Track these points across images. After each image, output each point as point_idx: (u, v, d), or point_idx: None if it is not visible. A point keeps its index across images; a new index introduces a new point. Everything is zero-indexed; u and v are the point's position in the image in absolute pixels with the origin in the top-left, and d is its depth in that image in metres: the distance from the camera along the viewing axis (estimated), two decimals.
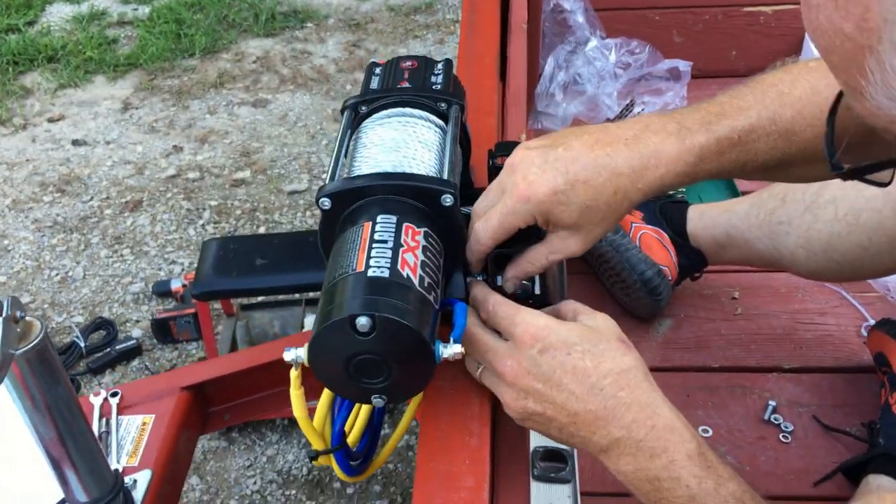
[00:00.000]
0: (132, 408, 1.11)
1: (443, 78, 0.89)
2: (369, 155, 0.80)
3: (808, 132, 0.79)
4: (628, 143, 0.75)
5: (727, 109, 0.79)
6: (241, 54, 3.87)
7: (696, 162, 0.76)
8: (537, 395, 0.71)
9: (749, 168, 0.80)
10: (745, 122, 0.78)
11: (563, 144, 0.75)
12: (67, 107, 3.57)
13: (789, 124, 0.78)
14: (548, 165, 0.74)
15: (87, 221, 2.96)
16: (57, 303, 2.65)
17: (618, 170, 0.74)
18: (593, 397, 0.69)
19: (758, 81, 0.82)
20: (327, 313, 0.66)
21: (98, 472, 0.87)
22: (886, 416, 1.18)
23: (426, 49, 3.86)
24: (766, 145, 0.78)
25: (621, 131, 0.76)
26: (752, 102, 0.79)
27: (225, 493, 2.11)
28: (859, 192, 1.18)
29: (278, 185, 3.07)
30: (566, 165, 0.74)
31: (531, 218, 0.75)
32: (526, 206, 0.74)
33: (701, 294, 1.48)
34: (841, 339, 1.39)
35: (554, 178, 0.73)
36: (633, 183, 0.75)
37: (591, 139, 0.76)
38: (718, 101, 0.80)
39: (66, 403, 0.80)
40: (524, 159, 0.75)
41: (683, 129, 0.77)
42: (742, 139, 0.77)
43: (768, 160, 0.79)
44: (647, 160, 0.75)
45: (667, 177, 0.76)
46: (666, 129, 0.76)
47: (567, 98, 1.92)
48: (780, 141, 0.78)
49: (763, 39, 2.00)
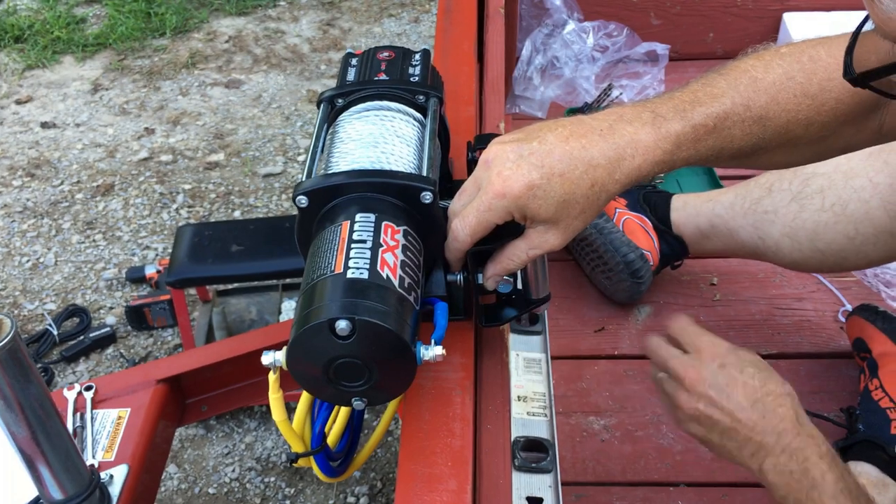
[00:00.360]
0: (107, 401, 1.10)
1: (420, 69, 0.87)
2: (347, 150, 0.78)
3: (783, 117, 0.79)
4: (603, 134, 0.74)
5: (700, 97, 0.78)
6: (212, 34, 3.80)
7: (673, 150, 0.76)
8: (710, 401, 0.85)
9: (726, 154, 0.80)
10: (719, 108, 0.77)
11: (537, 138, 0.74)
12: (35, 88, 3.50)
13: (763, 110, 0.78)
14: (522, 160, 0.73)
15: (57, 206, 2.91)
16: (28, 290, 2.61)
17: (594, 161, 0.73)
18: (757, 408, 0.84)
19: (730, 68, 0.82)
20: (305, 317, 0.65)
21: (73, 469, 0.86)
22: (866, 402, 1.18)
23: (401, 28, 3.82)
24: (741, 131, 0.78)
25: (596, 123, 0.75)
26: (725, 89, 0.79)
27: (203, 481, 2.09)
28: (847, 183, 1.18)
29: (253, 168, 3.03)
30: (541, 159, 0.72)
31: (508, 214, 0.74)
32: (502, 202, 0.73)
33: (680, 280, 1.49)
34: (818, 324, 1.40)
35: (529, 173, 0.72)
36: (611, 174, 0.74)
37: (566, 132, 0.75)
38: (691, 88, 0.80)
39: (39, 401, 0.79)
40: (498, 155, 0.74)
41: (658, 117, 0.76)
42: (717, 126, 0.77)
43: (744, 146, 0.79)
44: (622, 150, 0.74)
45: (644, 166, 0.75)
46: (640, 118, 0.76)
47: (545, 82, 1.90)
48: (755, 127, 0.79)
49: (740, 22, 1.99)
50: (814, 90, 0.79)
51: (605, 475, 1.22)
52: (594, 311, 1.45)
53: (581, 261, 1.47)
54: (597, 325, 1.43)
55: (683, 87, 0.80)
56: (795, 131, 0.80)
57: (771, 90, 0.79)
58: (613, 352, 1.39)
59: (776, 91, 0.79)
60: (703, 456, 1.22)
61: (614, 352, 1.39)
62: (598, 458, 1.24)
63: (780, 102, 0.79)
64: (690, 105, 0.77)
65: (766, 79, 0.79)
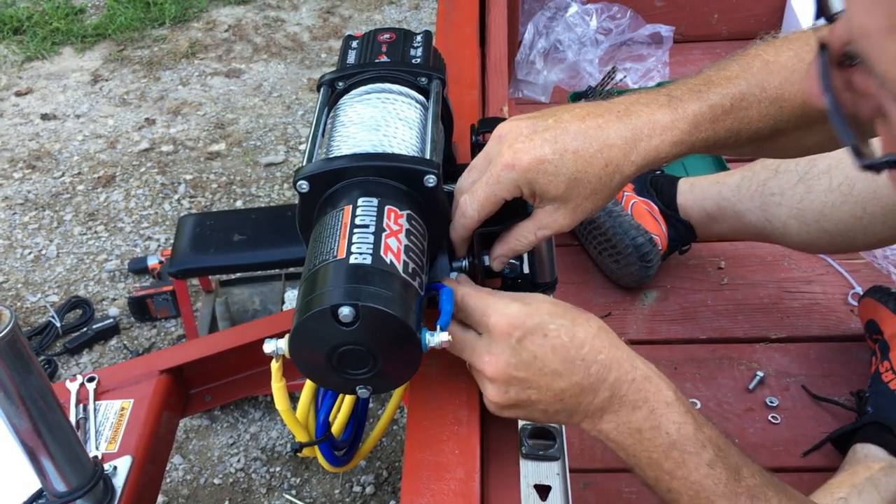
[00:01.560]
0: (110, 392, 1.09)
1: (422, 51, 0.86)
2: (348, 134, 0.76)
3: (798, 97, 0.78)
4: (620, 115, 0.73)
5: (715, 79, 0.78)
6: (212, 23, 3.78)
7: (691, 129, 0.75)
8: (521, 384, 0.69)
9: (744, 136, 0.78)
10: (734, 90, 0.77)
11: (553, 116, 0.74)
12: (35, 80, 3.48)
13: (778, 91, 0.77)
14: (536, 135, 0.72)
15: (59, 198, 2.90)
16: (31, 282, 2.60)
17: (609, 141, 0.72)
18: (576, 369, 0.69)
19: (741, 54, 0.81)
20: (308, 303, 0.63)
21: (76, 461, 0.85)
22: (876, 385, 1.17)
23: (401, 15, 3.79)
24: (757, 112, 0.77)
25: (613, 105, 0.75)
26: (738, 72, 0.78)
27: (208, 472, 2.09)
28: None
29: (254, 158, 3.02)
30: (555, 135, 0.71)
31: (516, 188, 0.72)
32: (511, 174, 0.71)
33: (687, 265, 1.47)
34: (828, 307, 1.39)
35: (541, 147, 0.71)
36: (626, 155, 0.73)
37: (583, 112, 0.74)
38: (705, 73, 0.79)
39: (40, 392, 0.78)
40: (512, 129, 0.73)
41: (674, 99, 0.75)
42: (734, 106, 0.76)
43: (762, 127, 0.78)
44: (639, 131, 0.73)
45: (662, 147, 0.74)
46: (657, 100, 0.75)
47: (548, 65, 1.88)
48: (772, 108, 0.77)
49: (745, 2, 1.97)
50: None
51: (612, 462, 1.21)
52: (600, 296, 1.44)
53: (588, 245, 1.46)
54: (603, 311, 1.41)
55: (697, 74, 0.80)
56: (811, 112, 0.78)
57: (783, 72, 0.78)
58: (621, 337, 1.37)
59: (789, 72, 0.78)
60: None
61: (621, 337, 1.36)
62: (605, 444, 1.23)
63: (794, 83, 0.77)
64: (706, 87, 0.77)
65: (777, 61, 0.78)
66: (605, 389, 0.70)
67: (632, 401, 0.70)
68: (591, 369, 0.70)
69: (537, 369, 0.69)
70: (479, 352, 0.70)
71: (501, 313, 0.70)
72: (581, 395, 0.70)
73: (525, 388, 0.69)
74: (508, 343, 0.69)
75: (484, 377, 0.71)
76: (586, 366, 0.69)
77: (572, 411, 0.71)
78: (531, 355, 0.69)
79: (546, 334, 0.69)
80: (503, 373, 0.69)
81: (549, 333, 0.69)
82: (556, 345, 0.69)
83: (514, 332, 0.69)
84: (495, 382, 0.70)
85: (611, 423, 0.71)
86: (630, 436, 0.71)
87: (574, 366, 0.69)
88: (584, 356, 0.69)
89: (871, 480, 1.05)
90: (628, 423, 0.70)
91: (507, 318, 0.69)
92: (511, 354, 0.69)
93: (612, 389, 0.70)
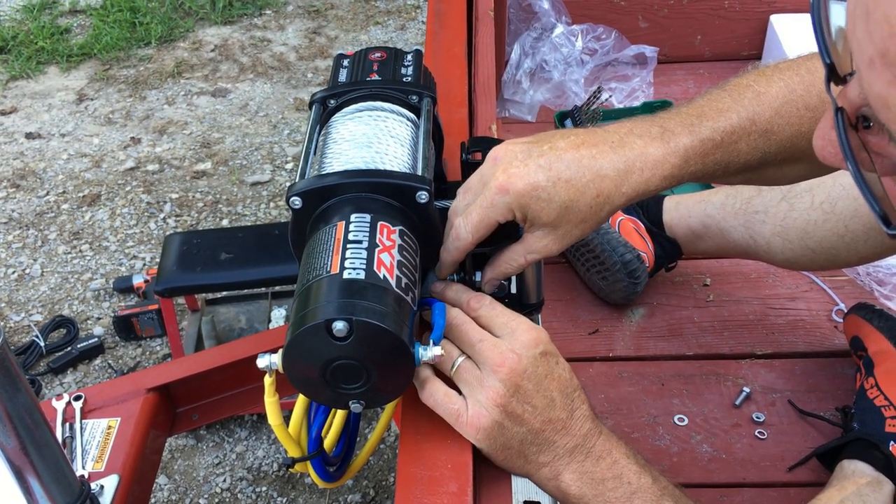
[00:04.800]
0: (96, 411, 1.08)
1: (413, 69, 0.87)
2: (340, 151, 0.77)
3: (787, 130, 0.79)
4: (614, 146, 0.74)
5: (707, 111, 0.78)
6: (198, 42, 3.79)
7: (681, 164, 0.76)
8: (524, 396, 0.71)
9: (732, 168, 0.79)
10: (725, 123, 0.77)
11: (548, 143, 0.75)
12: (20, 99, 3.47)
13: (768, 124, 0.78)
14: (531, 160, 0.73)
15: (43, 217, 2.89)
16: (14, 301, 2.58)
17: (602, 172, 0.73)
18: (566, 406, 0.73)
19: (733, 84, 0.82)
20: (302, 318, 0.64)
21: (63, 480, 0.85)
22: (861, 401, 1.18)
23: (387, 35, 3.81)
24: (747, 146, 0.78)
25: (607, 135, 0.76)
26: (730, 104, 0.79)
27: (194, 492, 2.07)
28: (836, 181, 1.18)
29: (240, 177, 3.02)
30: (549, 162, 0.72)
31: (510, 212, 0.73)
32: (504, 198, 0.72)
33: (673, 281, 1.48)
34: (812, 323, 1.40)
35: (535, 173, 0.72)
36: (618, 187, 0.74)
37: (578, 140, 0.75)
38: (697, 104, 0.80)
39: (28, 410, 0.77)
40: (507, 152, 0.74)
41: (667, 132, 0.76)
42: (724, 140, 0.77)
43: (750, 160, 0.79)
44: (631, 163, 0.74)
45: (652, 180, 0.75)
46: (650, 132, 0.76)
47: (534, 85, 1.90)
48: (761, 141, 0.79)
49: (727, 24, 1.99)
50: (814, 102, 0.79)
51: None
52: (588, 313, 1.44)
53: (576, 262, 1.47)
54: (591, 328, 1.42)
55: (689, 103, 0.81)
56: (800, 144, 0.79)
57: (774, 104, 0.79)
58: (608, 354, 1.38)
59: (779, 105, 0.79)
60: (699, 457, 1.22)
61: (609, 354, 1.38)
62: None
63: (784, 116, 0.78)
64: (698, 119, 0.77)
65: (768, 92, 0.79)
66: (579, 437, 0.73)
67: (597, 452, 0.73)
68: (575, 413, 0.73)
69: (543, 389, 0.71)
70: (500, 346, 0.71)
71: (531, 326, 0.73)
72: (560, 432, 0.72)
73: (524, 403, 0.71)
74: (532, 352, 0.71)
75: (496, 372, 0.70)
76: (574, 408, 0.73)
77: (543, 447, 0.72)
78: (544, 373, 0.71)
79: (558, 362, 0.73)
80: (519, 375, 0.70)
81: (560, 363, 0.74)
82: (562, 376, 0.73)
83: (538, 345, 0.72)
84: (506, 382, 0.70)
85: (575, 472, 0.73)
86: (593, 486, 0.73)
87: (567, 402, 0.73)
88: (573, 399, 0.73)
89: (859, 495, 1.06)
90: (592, 472, 0.73)
91: (535, 331, 0.73)
92: (530, 362, 0.71)
93: (583, 439, 0.73)
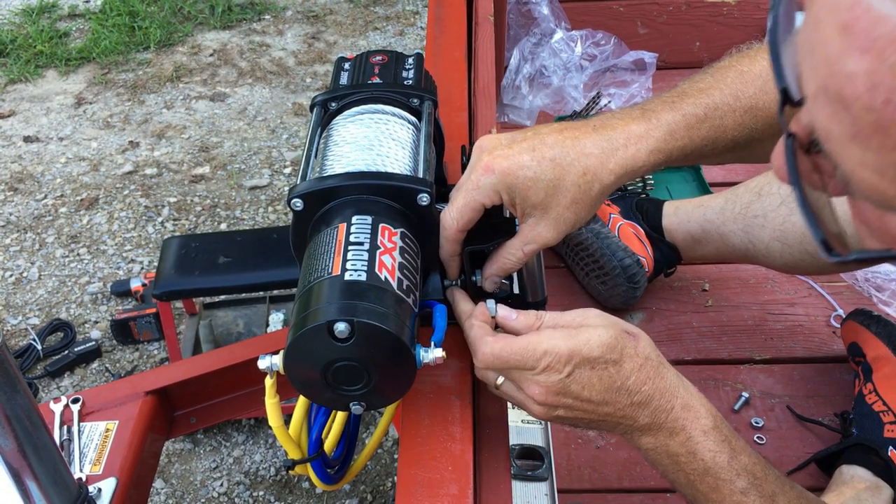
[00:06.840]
0: (94, 414, 1.08)
1: (414, 73, 0.87)
2: (341, 153, 0.77)
3: (773, 107, 0.80)
4: (595, 128, 0.76)
5: (688, 91, 0.80)
6: (197, 47, 3.79)
7: (666, 137, 0.77)
8: (567, 408, 0.73)
9: (720, 145, 0.80)
10: (707, 100, 0.79)
11: (532, 130, 0.77)
12: (18, 102, 3.47)
13: (752, 100, 0.79)
14: (515, 144, 0.75)
15: (41, 220, 2.88)
16: (12, 304, 2.58)
17: (586, 150, 0.74)
18: (620, 398, 0.73)
19: (716, 66, 0.83)
20: (303, 319, 0.63)
21: (61, 482, 0.84)
22: (860, 406, 1.18)
23: (386, 41, 3.82)
24: (732, 121, 0.79)
25: (588, 121, 0.78)
26: (711, 83, 0.80)
27: (191, 496, 2.06)
28: None
29: (239, 181, 3.02)
30: (533, 144, 0.74)
31: (496, 193, 0.74)
32: (490, 178, 0.73)
33: (672, 287, 1.48)
34: (811, 329, 1.40)
35: (520, 154, 0.73)
36: (603, 163, 0.74)
37: (560, 126, 0.77)
38: (679, 87, 0.82)
39: (26, 412, 0.77)
40: (492, 140, 0.76)
41: (648, 111, 0.78)
42: (708, 115, 0.78)
43: (737, 136, 0.80)
44: (615, 141, 0.75)
45: (639, 155, 0.76)
46: (631, 114, 0.78)
47: (533, 90, 1.90)
48: (746, 117, 0.80)
49: (726, 30, 2.00)
50: None
51: (600, 482, 1.21)
52: None
53: (575, 266, 1.47)
54: None
55: (671, 89, 0.82)
56: None
57: (758, 81, 0.80)
58: None
59: (763, 81, 0.80)
60: None
61: None
62: (593, 465, 1.23)
63: (769, 92, 0.79)
64: (679, 98, 0.79)
65: (752, 71, 0.81)
66: (646, 416, 0.73)
67: (669, 428, 0.73)
68: (633, 399, 0.73)
69: (584, 398, 0.72)
70: (530, 381, 0.72)
71: (552, 354, 0.71)
72: (623, 419, 0.74)
73: (571, 411, 0.73)
74: (558, 377, 0.72)
75: (532, 400, 0.73)
76: (630, 395, 0.73)
77: (614, 426, 0.75)
78: (579, 386, 0.72)
79: (594, 367, 0.72)
80: (551, 398, 0.72)
81: (597, 367, 0.72)
82: (603, 377, 0.72)
83: (564, 369, 0.71)
84: (542, 406, 0.73)
85: (649, 443, 0.75)
86: (667, 457, 0.74)
87: (619, 394, 0.73)
88: (628, 387, 0.73)
89: (858, 500, 1.06)
90: (665, 446, 0.74)
91: (557, 357, 0.71)
92: (561, 387, 0.72)
93: (651, 416, 0.73)
